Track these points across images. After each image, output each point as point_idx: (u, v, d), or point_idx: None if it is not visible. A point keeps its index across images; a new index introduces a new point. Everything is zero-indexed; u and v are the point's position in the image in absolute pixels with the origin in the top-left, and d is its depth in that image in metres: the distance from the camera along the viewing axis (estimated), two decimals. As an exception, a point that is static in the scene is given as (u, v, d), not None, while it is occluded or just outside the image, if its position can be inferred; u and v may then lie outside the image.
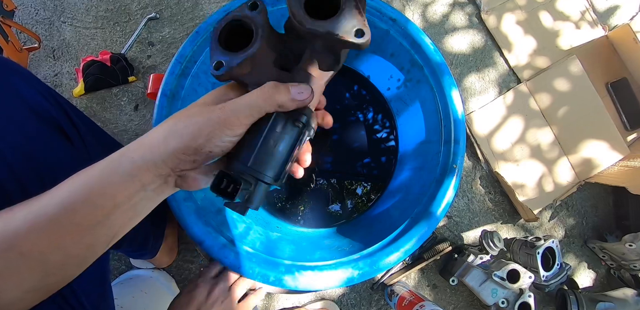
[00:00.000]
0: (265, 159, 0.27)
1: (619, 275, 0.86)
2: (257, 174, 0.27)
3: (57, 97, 0.38)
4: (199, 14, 0.82)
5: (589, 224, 0.91)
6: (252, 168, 0.27)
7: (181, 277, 0.73)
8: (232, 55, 0.27)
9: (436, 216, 0.45)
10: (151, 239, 0.57)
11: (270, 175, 0.28)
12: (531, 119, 0.88)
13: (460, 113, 0.50)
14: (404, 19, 0.51)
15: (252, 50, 0.27)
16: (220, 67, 0.27)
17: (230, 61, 0.27)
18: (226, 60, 0.27)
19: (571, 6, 0.93)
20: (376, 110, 0.66)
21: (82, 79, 0.75)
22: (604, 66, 0.92)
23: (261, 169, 0.27)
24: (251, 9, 0.28)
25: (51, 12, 0.80)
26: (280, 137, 0.28)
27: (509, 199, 0.86)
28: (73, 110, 0.40)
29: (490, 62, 0.90)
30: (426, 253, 0.77)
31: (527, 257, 0.77)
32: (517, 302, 0.69)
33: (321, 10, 0.27)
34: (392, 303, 0.73)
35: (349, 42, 0.26)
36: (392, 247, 0.43)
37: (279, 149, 0.28)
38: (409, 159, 0.59)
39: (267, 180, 0.28)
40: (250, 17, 0.28)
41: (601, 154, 0.89)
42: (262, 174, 0.27)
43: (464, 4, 0.91)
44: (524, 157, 0.87)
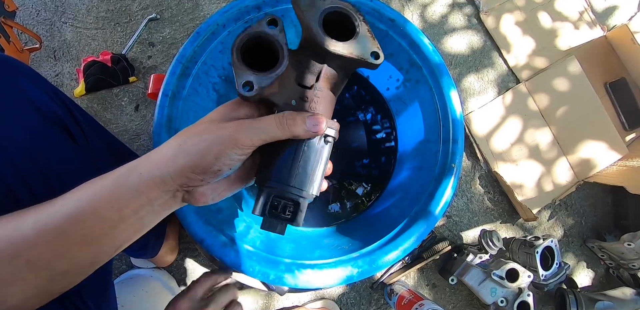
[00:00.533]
0: (306, 177, 0.29)
1: (617, 274, 0.86)
2: (301, 192, 0.29)
3: (61, 97, 0.38)
4: (200, 14, 0.82)
5: (588, 224, 0.91)
6: (296, 187, 0.28)
7: (182, 276, 0.74)
8: (260, 75, 0.27)
9: (435, 215, 0.45)
10: (152, 238, 0.58)
11: (312, 192, 0.29)
12: (530, 119, 0.88)
13: (458, 113, 0.50)
14: (402, 20, 0.51)
15: (280, 70, 0.27)
16: (249, 88, 0.27)
17: (260, 81, 0.27)
18: (256, 80, 0.27)
19: (570, 6, 0.94)
20: (375, 110, 0.66)
21: (83, 79, 0.76)
22: (602, 66, 0.93)
23: (305, 187, 0.29)
24: (270, 25, 0.28)
25: (52, 12, 0.81)
26: (316, 154, 0.29)
27: (508, 198, 0.86)
28: (77, 110, 0.40)
29: (489, 62, 0.91)
30: (425, 252, 0.77)
31: (526, 257, 0.77)
32: (516, 301, 0.70)
33: (332, 31, 0.28)
34: (391, 302, 0.73)
35: (367, 63, 0.29)
36: (391, 245, 0.44)
37: (317, 165, 0.29)
38: (408, 159, 0.60)
39: (309, 196, 0.29)
40: (272, 35, 0.28)
41: (600, 153, 0.89)
42: (306, 191, 0.29)
43: (463, 4, 0.91)
44: (523, 156, 0.87)
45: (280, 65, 0.28)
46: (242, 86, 0.27)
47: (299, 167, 0.28)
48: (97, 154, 0.40)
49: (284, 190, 0.28)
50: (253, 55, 0.28)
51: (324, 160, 0.30)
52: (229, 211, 0.52)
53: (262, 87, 0.27)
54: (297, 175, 0.28)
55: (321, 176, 0.30)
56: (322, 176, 0.30)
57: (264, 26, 0.28)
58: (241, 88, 0.27)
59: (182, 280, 0.74)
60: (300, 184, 0.28)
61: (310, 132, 0.27)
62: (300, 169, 0.28)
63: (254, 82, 0.27)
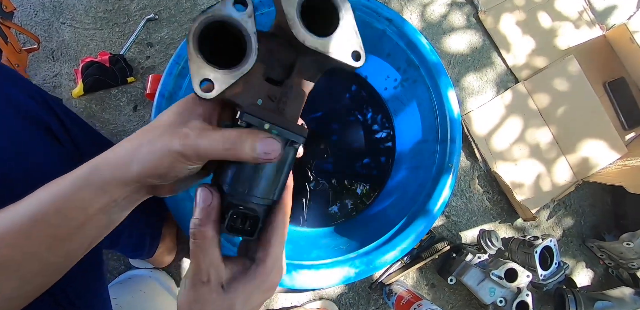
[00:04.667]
0: (269, 184, 0.26)
1: (617, 274, 0.86)
2: (264, 200, 0.26)
3: (46, 98, 0.37)
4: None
5: (587, 223, 0.91)
6: (258, 197, 0.25)
7: (180, 277, 0.74)
8: (223, 73, 0.23)
9: (433, 214, 0.45)
10: (147, 239, 0.58)
11: (274, 198, 0.26)
12: (529, 119, 0.88)
13: (456, 112, 0.50)
14: (400, 19, 0.51)
15: (248, 66, 0.23)
16: (209, 88, 0.22)
17: (223, 80, 0.23)
18: (217, 78, 0.23)
19: (569, 6, 0.94)
20: (374, 110, 0.66)
21: (81, 79, 0.75)
22: (601, 66, 0.93)
23: (268, 195, 0.26)
24: (236, 4, 0.23)
25: (50, 13, 0.81)
26: (279, 162, 0.25)
27: (507, 198, 0.86)
28: (64, 112, 0.39)
29: (488, 61, 0.91)
30: (424, 252, 0.77)
31: (525, 256, 0.77)
32: (515, 301, 0.69)
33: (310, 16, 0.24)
34: (390, 302, 0.73)
35: (345, 64, 0.25)
36: (388, 245, 0.44)
37: (281, 172, 0.26)
38: (406, 159, 0.60)
39: (273, 202, 0.27)
40: (239, 21, 0.23)
41: (599, 153, 0.89)
42: (269, 199, 0.26)
43: (462, 4, 0.91)
44: (522, 156, 0.87)
45: (248, 60, 0.23)
46: (199, 85, 0.22)
47: (261, 176, 0.25)
48: (86, 155, 0.40)
49: (243, 201, 0.25)
50: (212, 43, 0.23)
51: (289, 164, 0.26)
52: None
53: (224, 87, 0.23)
54: (260, 185, 0.25)
55: (285, 179, 0.27)
56: (287, 178, 0.27)
57: (228, 8, 0.23)
58: (198, 88, 0.22)
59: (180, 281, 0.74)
60: (264, 192, 0.25)
61: (260, 159, 0.23)
62: (262, 178, 0.25)
63: (214, 82, 0.22)
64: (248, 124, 0.24)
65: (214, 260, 0.25)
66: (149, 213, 0.57)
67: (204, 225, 0.25)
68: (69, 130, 0.39)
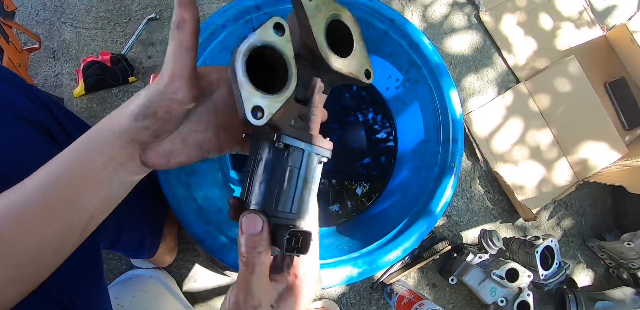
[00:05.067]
0: (306, 200, 0.27)
1: (617, 274, 0.86)
2: (303, 215, 0.27)
3: (42, 98, 0.37)
4: (199, 14, 0.82)
5: (588, 223, 0.91)
6: (299, 213, 0.27)
7: (181, 276, 0.74)
8: (269, 98, 0.23)
9: (435, 215, 0.45)
10: (148, 238, 0.58)
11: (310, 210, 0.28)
12: (530, 119, 0.88)
13: (458, 112, 0.50)
14: (402, 20, 0.51)
15: (290, 91, 0.24)
16: (260, 115, 0.23)
17: (269, 106, 0.23)
18: (265, 104, 0.23)
19: (570, 6, 0.94)
20: (375, 110, 0.66)
21: (82, 79, 0.75)
22: (602, 66, 0.93)
23: (306, 209, 0.27)
24: (275, 30, 0.24)
25: (51, 12, 0.81)
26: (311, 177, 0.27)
27: (508, 198, 0.86)
28: (61, 112, 0.39)
29: (489, 62, 0.91)
30: (425, 252, 0.77)
31: (526, 256, 0.77)
32: (516, 301, 0.70)
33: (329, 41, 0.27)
34: (391, 302, 0.73)
35: (359, 81, 0.28)
36: (391, 245, 0.44)
37: (313, 186, 0.27)
38: (407, 159, 0.60)
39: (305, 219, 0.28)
40: (280, 46, 0.24)
41: (600, 153, 0.89)
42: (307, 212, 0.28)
43: (463, 4, 0.91)
44: (523, 156, 0.87)
45: (290, 84, 0.24)
46: (251, 112, 0.22)
47: (299, 196, 0.26)
48: None
49: (290, 219, 0.26)
50: (251, 68, 0.24)
51: (316, 182, 0.28)
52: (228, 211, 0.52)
53: (272, 112, 0.23)
54: (300, 202, 0.26)
55: (314, 196, 0.28)
56: (315, 195, 0.28)
57: (270, 33, 0.24)
58: (251, 115, 0.22)
59: (182, 281, 0.74)
60: (302, 209, 0.27)
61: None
62: (301, 197, 0.26)
63: (264, 107, 0.23)
64: (285, 145, 0.25)
65: (264, 285, 0.25)
66: (150, 212, 0.57)
67: (259, 252, 0.24)
68: (67, 131, 0.38)
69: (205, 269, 0.74)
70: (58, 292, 0.31)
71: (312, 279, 0.28)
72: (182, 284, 0.73)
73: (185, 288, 0.73)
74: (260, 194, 0.26)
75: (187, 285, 0.74)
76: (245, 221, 0.25)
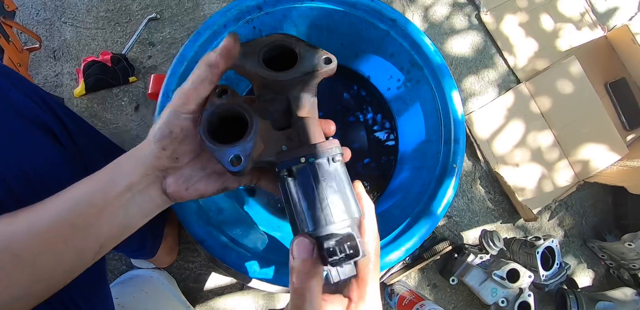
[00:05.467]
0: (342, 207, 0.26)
1: (618, 274, 0.86)
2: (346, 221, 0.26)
3: (47, 100, 0.37)
4: (200, 14, 0.82)
5: (589, 224, 0.91)
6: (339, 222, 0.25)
7: (182, 276, 0.74)
8: (240, 144, 0.26)
9: (436, 215, 0.45)
10: (149, 238, 0.58)
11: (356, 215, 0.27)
12: (530, 119, 0.88)
13: (459, 113, 0.50)
14: (403, 20, 0.51)
15: (255, 128, 0.26)
16: (238, 162, 0.25)
17: (244, 149, 0.25)
18: (239, 150, 0.25)
19: (571, 7, 0.94)
20: (376, 111, 0.66)
21: (82, 79, 0.75)
22: (603, 66, 0.93)
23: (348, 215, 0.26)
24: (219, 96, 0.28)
25: (52, 12, 0.81)
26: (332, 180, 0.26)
27: (508, 198, 0.86)
28: (65, 112, 0.39)
29: (490, 62, 0.91)
30: (426, 253, 0.77)
31: (526, 257, 0.77)
32: (517, 301, 0.70)
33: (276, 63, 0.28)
34: (392, 302, 0.73)
35: (323, 72, 0.28)
36: (392, 245, 0.44)
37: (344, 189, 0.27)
38: (409, 159, 0.60)
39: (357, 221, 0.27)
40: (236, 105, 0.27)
41: (600, 153, 0.89)
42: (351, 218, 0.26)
43: (464, 4, 0.91)
44: (523, 157, 0.87)
45: (252, 125, 0.26)
46: (230, 163, 0.25)
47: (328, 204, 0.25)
48: (88, 156, 0.40)
49: (329, 232, 0.25)
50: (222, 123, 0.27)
51: (345, 181, 0.27)
52: (230, 212, 0.52)
53: (248, 154, 0.25)
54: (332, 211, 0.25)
55: (353, 195, 0.27)
56: (353, 194, 0.27)
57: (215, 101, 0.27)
58: (231, 167, 0.25)
59: (183, 281, 0.73)
60: (340, 216, 0.25)
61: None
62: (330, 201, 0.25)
63: (240, 154, 0.25)
64: (288, 171, 0.27)
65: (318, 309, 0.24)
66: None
67: (311, 278, 0.24)
68: (69, 131, 0.38)
69: (205, 269, 0.74)
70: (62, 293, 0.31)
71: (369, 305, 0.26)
72: (183, 284, 0.73)
73: (186, 288, 0.73)
74: (300, 221, 0.26)
75: (187, 286, 0.73)
76: (296, 246, 0.24)
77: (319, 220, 0.25)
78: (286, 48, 0.29)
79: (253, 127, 0.26)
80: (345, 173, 0.28)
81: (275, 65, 0.28)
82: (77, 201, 0.27)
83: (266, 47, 0.28)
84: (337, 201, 0.26)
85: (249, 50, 0.28)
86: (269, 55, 0.29)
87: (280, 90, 0.29)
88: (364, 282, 0.26)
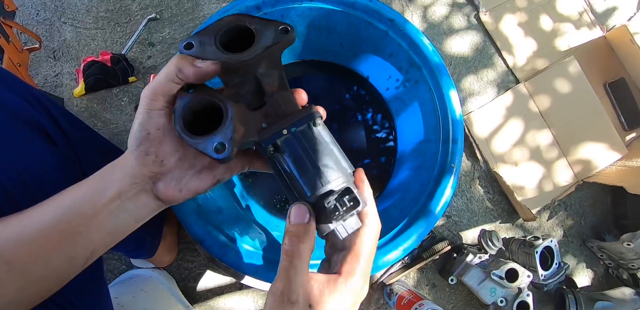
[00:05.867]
0: (334, 167, 0.27)
1: (617, 274, 0.86)
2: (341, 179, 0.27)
3: (42, 100, 0.37)
4: (199, 14, 0.82)
5: (588, 224, 0.91)
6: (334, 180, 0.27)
7: (181, 276, 0.74)
8: (220, 131, 0.26)
9: (434, 214, 0.46)
10: (148, 238, 0.58)
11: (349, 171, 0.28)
12: (529, 119, 0.88)
13: (458, 113, 0.50)
14: (402, 20, 0.51)
15: (231, 113, 0.26)
16: (223, 149, 0.25)
17: (225, 135, 0.26)
18: (221, 137, 0.26)
19: (569, 7, 0.94)
20: (375, 111, 0.66)
21: (82, 79, 0.76)
22: (602, 66, 0.93)
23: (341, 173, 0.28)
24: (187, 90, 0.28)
25: (52, 12, 0.81)
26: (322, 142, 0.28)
27: (507, 198, 0.87)
28: (60, 113, 0.39)
29: (489, 62, 0.91)
30: (425, 252, 0.77)
31: (525, 257, 0.77)
32: (516, 301, 0.70)
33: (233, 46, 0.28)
34: (391, 302, 0.73)
35: (282, 42, 0.27)
36: (390, 245, 0.44)
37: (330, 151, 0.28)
38: (407, 159, 0.60)
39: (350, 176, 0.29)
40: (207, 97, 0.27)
41: (599, 153, 0.89)
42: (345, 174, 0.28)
43: (463, 4, 0.91)
44: (523, 156, 0.87)
45: (227, 110, 0.27)
46: (215, 150, 0.25)
47: (321, 166, 0.27)
48: (83, 157, 0.40)
49: (327, 190, 0.27)
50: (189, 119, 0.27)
51: (330, 141, 0.28)
52: (229, 211, 0.52)
53: (230, 138, 0.26)
54: (326, 171, 0.27)
55: (340, 152, 0.29)
56: (341, 152, 0.29)
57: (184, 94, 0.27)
58: (217, 155, 0.25)
59: (182, 280, 0.74)
60: (333, 175, 0.27)
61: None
62: (322, 164, 0.27)
63: (222, 141, 0.26)
64: (274, 146, 0.27)
65: (304, 280, 0.25)
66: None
67: (301, 242, 0.25)
68: (64, 131, 0.38)
69: (205, 268, 0.74)
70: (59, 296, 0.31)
71: (357, 279, 0.26)
72: (182, 284, 0.73)
73: (185, 288, 0.73)
74: (298, 189, 0.27)
75: (187, 285, 0.74)
76: (293, 211, 0.25)
77: (315, 184, 0.27)
78: (241, 28, 0.28)
79: (228, 112, 0.27)
80: (328, 133, 0.29)
81: (235, 47, 0.28)
82: (65, 210, 0.26)
83: (220, 31, 0.28)
84: (328, 162, 0.27)
85: (205, 39, 0.27)
86: (226, 38, 0.28)
87: (246, 71, 0.28)
88: (356, 257, 0.27)
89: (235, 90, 0.29)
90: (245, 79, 0.29)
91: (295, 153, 0.27)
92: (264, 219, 0.60)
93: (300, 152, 0.27)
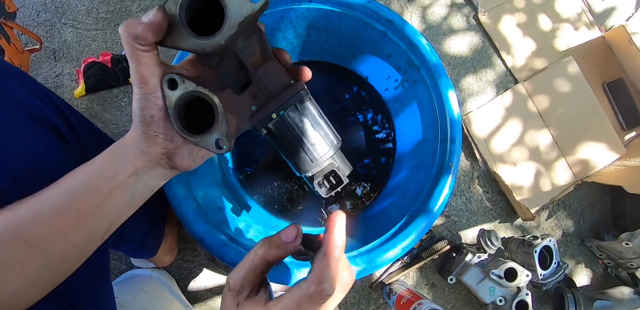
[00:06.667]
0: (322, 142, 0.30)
1: (616, 273, 0.87)
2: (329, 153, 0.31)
3: (53, 99, 0.38)
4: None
5: (586, 223, 0.91)
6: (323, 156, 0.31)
7: (182, 276, 0.74)
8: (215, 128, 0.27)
9: (433, 213, 0.46)
10: (150, 238, 0.58)
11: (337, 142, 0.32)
12: (528, 119, 0.88)
13: (456, 113, 0.50)
14: (400, 21, 0.52)
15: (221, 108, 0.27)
16: (222, 144, 0.27)
17: (221, 132, 0.27)
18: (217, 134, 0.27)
19: (568, 7, 0.94)
20: (374, 111, 0.67)
21: (82, 80, 0.76)
22: (600, 66, 0.93)
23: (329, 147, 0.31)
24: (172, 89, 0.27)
25: (52, 13, 0.81)
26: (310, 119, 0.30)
27: (506, 198, 0.87)
28: (70, 111, 0.39)
29: (488, 62, 0.91)
30: (424, 252, 0.78)
31: (524, 256, 0.77)
32: (515, 300, 0.70)
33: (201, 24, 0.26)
34: (390, 301, 0.74)
35: (255, 11, 0.24)
36: (389, 244, 0.44)
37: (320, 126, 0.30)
38: (406, 158, 0.60)
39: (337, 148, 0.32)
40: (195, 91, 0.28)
41: (598, 153, 0.89)
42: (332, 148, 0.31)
43: (462, 5, 0.92)
44: (521, 156, 0.87)
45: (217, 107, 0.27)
46: (215, 147, 0.27)
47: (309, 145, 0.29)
48: (92, 155, 0.40)
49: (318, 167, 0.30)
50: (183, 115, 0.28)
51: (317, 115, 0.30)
52: (229, 210, 0.52)
53: (226, 134, 0.27)
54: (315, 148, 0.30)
55: (330, 129, 0.31)
56: (330, 128, 0.31)
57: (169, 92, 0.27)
58: (219, 150, 0.27)
59: (182, 280, 0.74)
60: (322, 150, 0.30)
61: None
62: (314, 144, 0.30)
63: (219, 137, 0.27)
64: (267, 129, 0.29)
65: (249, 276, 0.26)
66: (152, 212, 0.58)
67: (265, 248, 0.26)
68: (74, 129, 0.39)
69: (205, 268, 0.74)
70: (69, 292, 0.31)
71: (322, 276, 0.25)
72: (182, 284, 0.74)
73: (185, 287, 0.73)
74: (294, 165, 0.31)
75: (187, 285, 0.74)
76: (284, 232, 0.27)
77: (304, 162, 0.30)
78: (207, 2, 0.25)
79: (218, 109, 0.27)
80: (316, 107, 0.30)
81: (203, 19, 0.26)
82: (80, 188, 0.27)
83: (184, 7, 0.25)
84: (317, 138, 0.30)
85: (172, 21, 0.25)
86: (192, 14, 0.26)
87: (221, 52, 0.27)
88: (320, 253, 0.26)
89: (217, 71, 0.29)
90: (224, 57, 0.28)
91: (286, 135, 0.29)
92: (263, 219, 0.60)
93: (290, 134, 0.29)
